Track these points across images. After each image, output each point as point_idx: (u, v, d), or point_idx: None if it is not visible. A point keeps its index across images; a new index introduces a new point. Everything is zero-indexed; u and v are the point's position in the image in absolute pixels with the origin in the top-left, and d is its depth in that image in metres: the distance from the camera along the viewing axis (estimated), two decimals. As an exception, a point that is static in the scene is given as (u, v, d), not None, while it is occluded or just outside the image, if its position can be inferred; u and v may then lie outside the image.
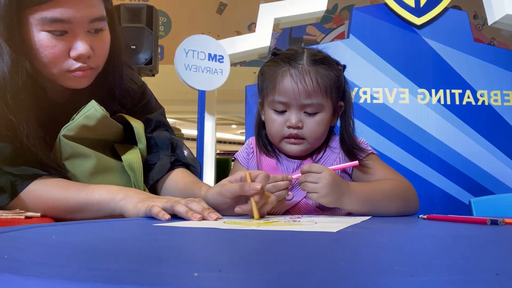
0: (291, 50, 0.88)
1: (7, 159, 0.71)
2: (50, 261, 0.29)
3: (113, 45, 0.81)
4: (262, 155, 0.92)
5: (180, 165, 0.91)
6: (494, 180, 2.07)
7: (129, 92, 0.89)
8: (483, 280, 0.23)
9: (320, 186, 0.71)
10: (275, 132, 0.86)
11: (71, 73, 0.74)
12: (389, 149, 2.07)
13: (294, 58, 0.84)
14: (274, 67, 0.86)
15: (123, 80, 0.87)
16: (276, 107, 0.85)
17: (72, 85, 0.77)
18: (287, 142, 0.86)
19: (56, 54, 0.72)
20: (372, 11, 2.20)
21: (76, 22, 0.71)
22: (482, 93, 2.13)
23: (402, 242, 0.43)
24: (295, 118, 0.83)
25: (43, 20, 0.69)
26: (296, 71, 0.82)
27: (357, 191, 0.75)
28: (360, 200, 0.75)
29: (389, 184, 0.81)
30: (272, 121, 0.86)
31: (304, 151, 0.87)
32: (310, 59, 0.84)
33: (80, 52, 0.72)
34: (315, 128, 0.84)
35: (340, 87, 0.87)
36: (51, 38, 0.71)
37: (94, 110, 0.77)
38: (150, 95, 0.97)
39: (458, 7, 2.77)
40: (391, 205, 0.78)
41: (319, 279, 0.23)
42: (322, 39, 4.97)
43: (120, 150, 0.84)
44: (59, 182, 0.74)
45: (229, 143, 8.97)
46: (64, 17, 0.69)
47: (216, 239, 0.44)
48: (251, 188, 0.64)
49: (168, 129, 0.95)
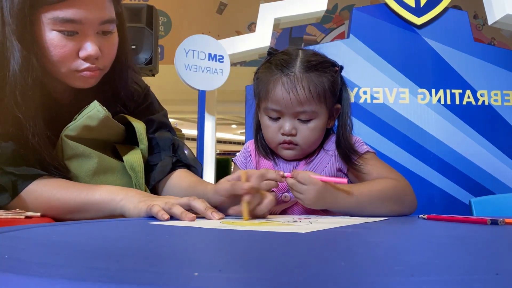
0: (286, 54, 0.86)
1: (8, 159, 0.71)
2: (50, 261, 0.29)
3: (121, 47, 0.82)
4: (260, 158, 0.92)
5: (181, 165, 0.91)
6: (494, 180, 2.06)
7: (133, 94, 0.90)
8: (483, 280, 0.23)
9: (304, 197, 0.74)
10: (271, 138, 0.87)
11: (79, 73, 0.75)
12: (389, 149, 2.07)
13: (286, 65, 0.83)
14: (268, 73, 0.85)
15: (128, 82, 0.88)
16: (270, 114, 0.85)
17: (79, 85, 0.78)
18: (282, 147, 0.86)
19: (65, 54, 0.73)
20: (372, 11, 2.20)
21: (87, 23, 0.72)
22: (482, 93, 2.13)
23: (402, 242, 0.43)
24: (289, 126, 0.83)
25: (55, 20, 0.70)
26: (288, 80, 0.81)
27: (344, 200, 0.76)
28: (347, 207, 0.77)
29: (381, 185, 0.81)
30: (266, 127, 0.86)
31: (299, 155, 0.87)
32: (304, 65, 0.82)
33: (89, 53, 0.73)
34: (308, 135, 0.84)
35: (335, 91, 0.86)
36: (62, 37, 0.72)
37: (96, 110, 0.77)
38: (153, 98, 0.98)
39: (458, 7, 2.77)
40: (382, 206, 0.78)
41: (320, 279, 0.23)
42: (322, 39, 4.97)
43: (122, 151, 0.84)
44: (60, 182, 0.74)
45: (229, 143, 8.97)
46: (76, 17, 0.71)
47: (217, 239, 0.44)
48: (241, 188, 0.64)
49: (170, 130, 0.95)
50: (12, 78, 0.70)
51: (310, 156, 0.89)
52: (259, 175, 0.67)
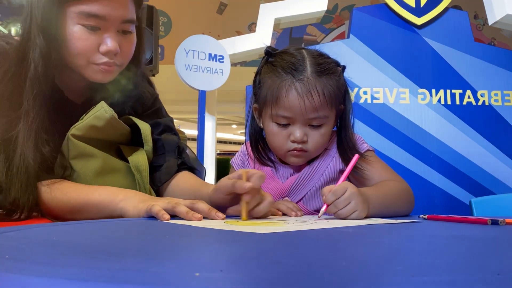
0: (291, 56, 0.81)
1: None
2: (51, 261, 0.29)
3: (137, 50, 0.85)
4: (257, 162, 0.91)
5: (185, 168, 0.91)
6: (495, 180, 2.07)
7: (143, 98, 0.92)
8: (484, 280, 0.23)
9: (355, 203, 0.66)
10: (279, 146, 0.82)
11: (97, 66, 0.78)
12: (389, 149, 2.07)
13: (296, 68, 0.78)
14: (275, 76, 0.80)
15: (139, 87, 0.90)
16: (279, 121, 0.80)
17: (95, 78, 0.79)
18: (291, 154, 0.83)
19: (87, 47, 0.75)
20: (373, 11, 2.20)
21: (110, 19, 0.75)
22: (483, 93, 2.13)
23: (403, 242, 0.43)
24: (300, 133, 0.79)
25: (81, 14, 0.73)
26: (301, 85, 0.77)
27: (374, 196, 0.72)
28: (377, 205, 0.71)
29: (395, 186, 0.81)
30: (274, 135, 0.82)
31: (306, 161, 0.86)
32: (315, 69, 0.78)
33: (109, 48, 0.76)
34: (319, 141, 0.82)
35: (341, 91, 0.83)
36: (85, 31, 0.75)
37: (103, 110, 0.79)
38: (161, 104, 0.99)
39: (459, 7, 2.77)
40: (400, 206, 0.78)
41: (320, 279, 0.23)
42: (322, 39, 4.98)
43: (126, 152, 0.85)
44: (60, 183, 0.74)
45: (229, 143, 8.97)
46: (101, 13, 0.74)
47: (218, 239, 0.44)
48: (241, 187, 0.64)
49: (175, 134, 0.96)
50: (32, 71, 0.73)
51: (312, 159, 0.87)
52: (259, 176, 0.67)
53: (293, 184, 0.85)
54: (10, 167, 0.70)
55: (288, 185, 0.86)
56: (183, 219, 0.62)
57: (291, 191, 0.86)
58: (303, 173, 0.85)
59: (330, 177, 0.85)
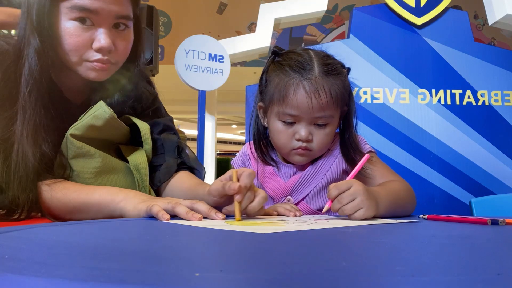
0: (298, 55, 0.82)
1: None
2: (51, 261, 0.29)
3: (135, 49, 0.84)
4: (260, 161, 0.91)
5: (184, 168, 0.91)
6: (495, 180, 2.07)
7: (142, 97, 0.91)
8: (484, 280, 0.23)
9: (360, 200, 0.64)
10: (283, 144, 0.83)
11: (90, 63, 0.77)
12: (389, 149, 2.07)
13: (304, 67, 0.79)
14: (283, 75, 0.80)
15: (138, 85, 0.89)
16: (285, 119, 0.81)
17: (90, 76, 0.79)
18: (296, 153, 0.83)
19: (79, 43, 0.75)
20: (373, 11, 2.20)
21: (103, 14, 0.75)
22: (483, 93, 2.13)
23: (403, 242, 0.43)
24: (305, 131, 0.80)
25: (73, 8, 0.73)
26: (309, 84, 0.78)
27: (383, 194, 0.71)
28: (386, 203, 0.70)
29: (399, 186, 0.81)
30: (279, 133, 0.83)
31: (309, 160, 0.86)
32: (322, 68, 0.79)
33: (102, 45, 0.75)
34: (324, 140, 0.82)
35: (347, 92, 0.84)
36: (78, 27, 0.74)
37: (102, 110, 0.78)
38: (160, 104, 0.99)
39: (459, 7, 2.77)
40: (406, 205, 0.78)
41: (320, 279, 0.23)
42: (322, 39, 4.98)
43: (125, 151, 0.85)
44: (60, 183, 0.74)
45: (229, 143, 8.98)
46: (93, 7, 0.73)
47: (217, 239, 0.44)
48: (230, 188, 0.63)
49: (175, 134, 0.95)
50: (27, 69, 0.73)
51: (316, 158, 0.88)
52: (248, 174, 0.66)
53: (296, 182, 0.85)
54: (9, 165, 0.70)
55: (291, 183, 0.86)
56: (183, 219, 0.62)
57: (294, 189, 0.86)
58: (306, 172, 0.86)
59: (333, 177, 0.86)
